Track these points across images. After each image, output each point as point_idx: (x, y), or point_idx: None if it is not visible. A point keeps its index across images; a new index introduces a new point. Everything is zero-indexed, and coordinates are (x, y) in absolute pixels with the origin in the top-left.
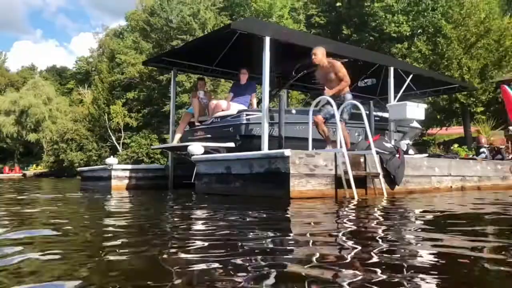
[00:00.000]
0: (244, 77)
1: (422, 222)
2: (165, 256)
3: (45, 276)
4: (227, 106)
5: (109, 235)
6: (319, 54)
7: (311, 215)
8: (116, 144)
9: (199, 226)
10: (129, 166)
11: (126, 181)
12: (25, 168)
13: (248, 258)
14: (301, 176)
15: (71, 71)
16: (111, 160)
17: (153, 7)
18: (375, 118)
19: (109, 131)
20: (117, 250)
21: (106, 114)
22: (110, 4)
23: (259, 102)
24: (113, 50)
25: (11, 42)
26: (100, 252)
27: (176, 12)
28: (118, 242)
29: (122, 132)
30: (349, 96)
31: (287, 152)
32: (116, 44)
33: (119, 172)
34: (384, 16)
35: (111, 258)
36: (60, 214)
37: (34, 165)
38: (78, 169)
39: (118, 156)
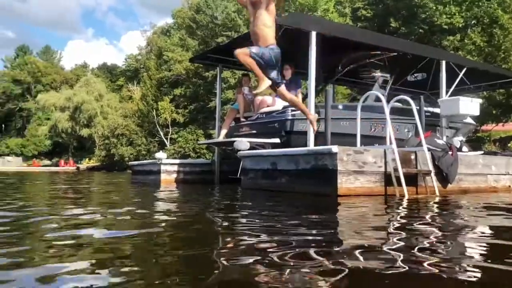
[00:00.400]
0: (288, 73)
1: (486, 225)
2: (217, 250)
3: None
4: (272, 102)
5: (169, 228)
6: None
7: (361, 213)
8: (164, 139)
9: (250, 222)
10: (177, 161)
11: (175, 175)
12: (79, 161)
13: (300, 257)
14: (349, 173)
15: (121, 69)
16: (160, 155)
17: (198, 4)
18: (426, 113)
19: (157, 126)
20: (168, 246)
21: (154, 110)
22: (157, 2)
23: (305, 97)
24: (160, 47)
25: (65, 41)
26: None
27: (221, 9)
28: (179, 235)
29: (170, 128)
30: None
31: (334, 148)
32: (163, 42)
33: (168, 167)
34: (434, 8)
35: (166, 255)
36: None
37: (87, 159)
38: (129, 163)
39: (166, 151)
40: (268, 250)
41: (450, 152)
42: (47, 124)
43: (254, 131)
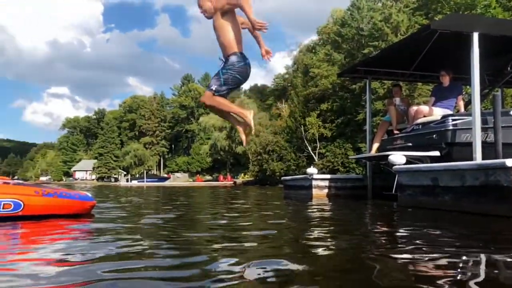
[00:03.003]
0: (445, 79)
1: None
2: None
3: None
4: (429, 112)
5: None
6: None
7: None
8: (312, 154)
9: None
10: (328, 176)
11: (326, 190)
12: (235, 176)
13: None
14: None
15: (270, 88)
16: (312, 170)
17: (343, 18)
18: None
19: (305, 141)
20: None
21: (302, 126)
22: (302, 22)
23: (467, 104)
24: (306, 64)
25: None
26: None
27: (367, 20)
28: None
29: (318, 142)
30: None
31: (509, 162)
32: (309, 59)
33: (319, 182)
34: None
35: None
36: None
37: (242, 174)
38: (282, 178)
39: (315, 165)
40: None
41: None
42: (208, 143)
43: (410, 144)
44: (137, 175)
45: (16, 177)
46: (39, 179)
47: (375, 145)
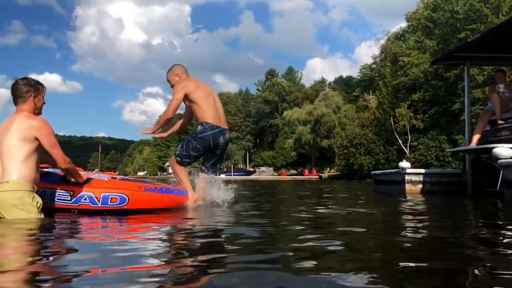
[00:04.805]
0: None
1: None
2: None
3: None
4: None
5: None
6: None
7: None
8: (403, 147)
9: None
10: (422, 170)
11: (420, 185)
12: (321, 171)
13: None
14: None
15: (356, 80)
16: (404, 164)
17: (436, 2)
18: None
19: (395, 134)
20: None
21: (391, 118)
22: (390, 9)
23: None
24: (395, 53)
25: (305, 61)
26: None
27: (462, 2)
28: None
29: (409, 135)
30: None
31: None
32: (398, 47)
33: (413, 176)
34: None
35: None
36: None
37: (328, 168)
38: (372, 172)
39: (406, 159)
40: None
41: None
42: (292, 137)
43: None
44: (224, 169)
45: (117, 172)
46: (137, 174)
47: (476, 137)
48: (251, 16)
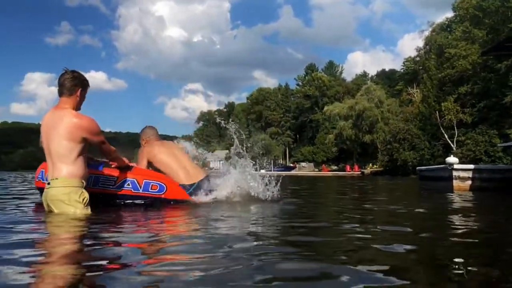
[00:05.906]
0: None
1: None
2: None
3: None
4: None
5: None
6: None
7: None
8: (449, 142)
9: None
10: (471, 166)
11: (469, 182)
12: (363, 166)
13: None
14: None
15: (399, 73)
16: (452, 159)
17: None
18: None
19: (441, 129)
20: None
21: (437, 112)
22: None
23: None
24: (440, 45)
25: (345, 55)
26: None
27: None
28: None
29: (455, 129)
30: None
31: None
32: (444, 38)
33: (461, 172)
34: None
35: None
36: None
37: (370, 164)
38: (417, 168)
39: (453, 154)
40: None
41: None
42: (333, 133)
43: None
44: (265, 164)
45: None
46: None
47: None
48: (290, 11)
